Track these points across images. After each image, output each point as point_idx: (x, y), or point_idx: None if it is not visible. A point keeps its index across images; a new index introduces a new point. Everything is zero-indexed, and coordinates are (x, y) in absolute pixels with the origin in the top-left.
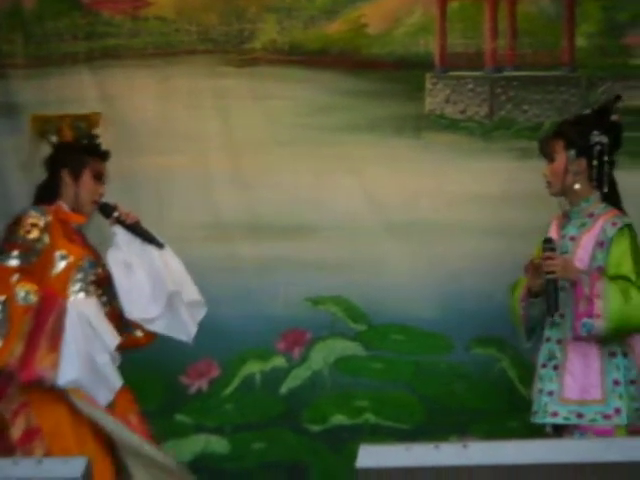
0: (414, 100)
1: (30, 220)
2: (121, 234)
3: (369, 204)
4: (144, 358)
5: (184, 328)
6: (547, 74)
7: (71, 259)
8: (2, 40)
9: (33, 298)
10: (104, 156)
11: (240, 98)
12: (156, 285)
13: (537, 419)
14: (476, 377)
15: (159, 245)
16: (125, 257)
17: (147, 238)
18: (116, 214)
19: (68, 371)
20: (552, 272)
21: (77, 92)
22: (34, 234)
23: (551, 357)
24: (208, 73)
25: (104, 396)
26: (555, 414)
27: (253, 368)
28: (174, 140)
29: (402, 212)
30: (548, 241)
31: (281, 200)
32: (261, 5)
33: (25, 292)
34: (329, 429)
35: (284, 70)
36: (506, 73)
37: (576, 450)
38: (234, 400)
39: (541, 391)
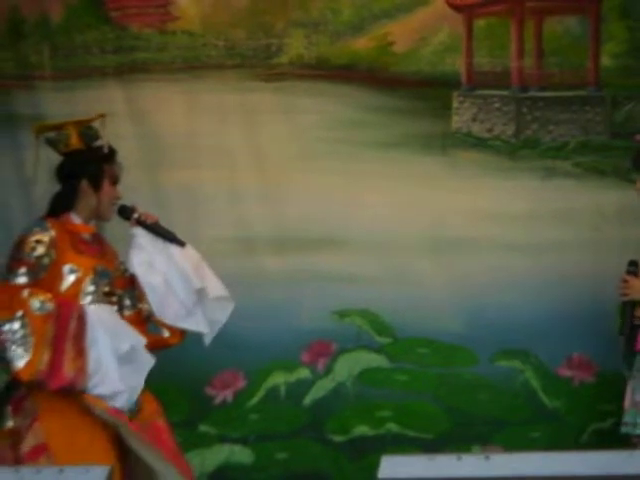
0: (441, 118)
1: (34, 237)
2: (142, 235)
3: (395, 219)
4: (170, 369)
5: (209, 324)
6: (572, 94)
7: (80, 272)
8: (30, 52)
9: (50, 306)
10: (114, 157)
11: (267, 112)
12: (183, 283)
13: (629, 430)
14: (499, 388)
15: (181, 244)
16: (149, 258)
17: (168, 237)
18: (136, 215)
19: (102, 382)
20: (625, 295)
21: (105, 105)
22: (40, 250)
23: None
24: (236, 88)
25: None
26: None
27: (278, 379)
28: (202, 154)
29: (428, 228)
30: (632, 264)
31: (308, 214)
32: (288, 20)
33: (40, 302)
34: (352, 439)
35: (311, 85)
36: (532, 93)
37: (599, 462)
38: (259, 411)
39: (635, 404)
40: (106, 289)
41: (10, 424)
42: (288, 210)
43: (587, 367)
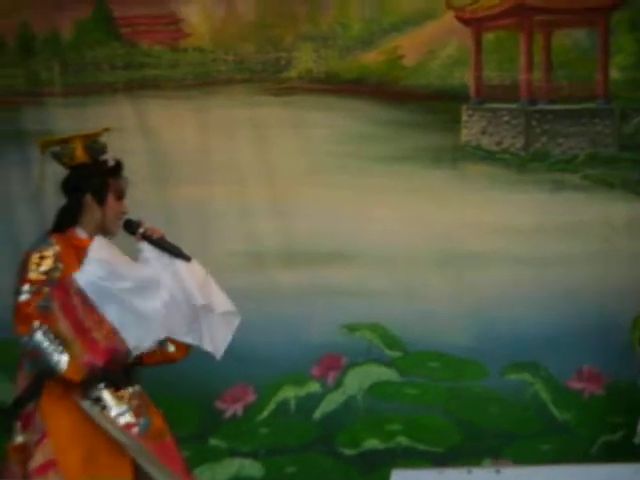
0: (450, 131)
1: (38, 254)
2: (148, 250)
3: (404, 233)
4: (180, 383)
5: (213, 341)
6: (581, 107)
7: None
8: (40, 68)
9: (48, 302)
10: (120, 171)
11: (277, 127)
12: (187, 299)
13: None
14: (510, 401)
15: (186, 259)
16: (155, 272)
17: (174, 252)
18: (142, 230)
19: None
20: None
21: (115, 122)
22: (46, 264)
23: None
24: (245, 102)
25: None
26: None
27: (288, 393)
28: (211, 170)
29: (438, 241)
30: None
31: (318, 228)
32: (297, 34)
33: (43, 301)
34: (363, 453)
35: (321, 99)
36: (541, 106)
37: (609, 475)
38: (269, 424)
39: None
40: None
41: (20, 440)
42: (298, 224)
43: (597, 379)
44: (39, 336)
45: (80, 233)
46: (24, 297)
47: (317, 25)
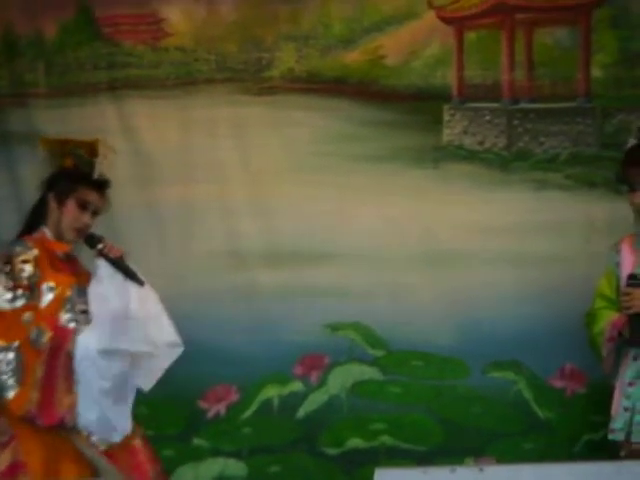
0: (432, 131)
1: (21, 257)
2: (103, 267)
3: (387, 232)
4: (163, 382)
5: (145, 377)
6: (563, 106)
7: (58, 290)
8: (24, 69)
9: (44, 339)
10: (98, 185)
11: (259, 126)
12: (127, 322)
13: (632, 438)
14: (493, 400)
15: (140, 282)
16: (104, 291)
17: (128, 274)
18: (100, 246)
19: (85, 413)
20: (629, 307)
21: (98, 122)
22: (28, 270)
23: (639, 375)
24: (227, 102)
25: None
26: None
27: (271, 393)
28: (194, 169)
29: (420, 241)
30: (632, 277)
31: (300, 228)
32: (278, 34)
33: (37, 333)
34: (346, 452)
35: (302, 98)
36: (523, 105)
37: (592, 473)
38: (252, 424)
39: (628, 409)
40: (83, 307)
41: None
42: (279, 224)
43: (579, 378)
44: (10, 355)
45: (48, 234)
46: (19, 303)
47: (299, 25)
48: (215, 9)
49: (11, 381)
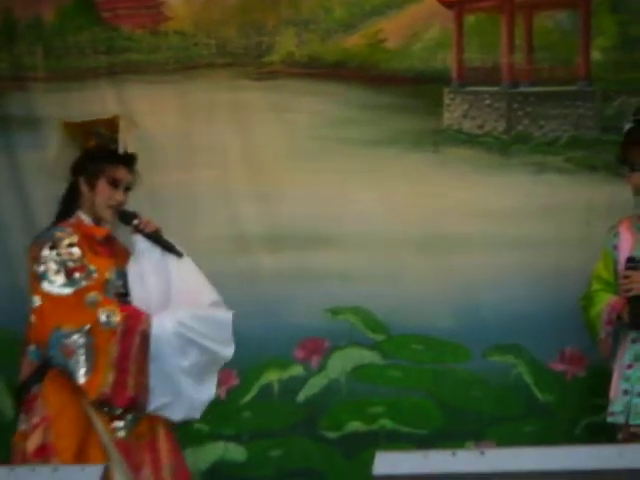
0: (432, 115)
1: (66, 242)
2: (140, 242)
3: (388, 216)
4: None
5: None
6: (563, 89)
7: (98, 274)
8: (23, 53)
9: (115, 320)
10: (124, 161)
11: (259, 111)
12: (168, 296)
13: (629, 420)
14: (493, 383)
15: (178, 254)
16: (141, 268)
17: (166, 247)
18: (135, 222)
19: (161, 393)
20: (629, 290)
21: (98, 106)
22: (77, 253)
23: (638, 358)
24: (227, 87)
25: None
26: None
27: (271, 376)
28: (195, 154)
29: (420, 225)
30: (630, 260)
31: (301, 212)
32: (279, 18)
33: (107, 315)
34: (346, 436)
35: (303, 83)
36: (523, 88)
37: (593, 456)
38: (252, 408)
39: (627, 392)
40: (121, 290)
41: (23, 427)
42: (280, 208)
43: (579, 361)
44: (82, 340)
45: (84, 219)
46: (83, 283)
47: (299, 9)
48: None
49: (84, 365)
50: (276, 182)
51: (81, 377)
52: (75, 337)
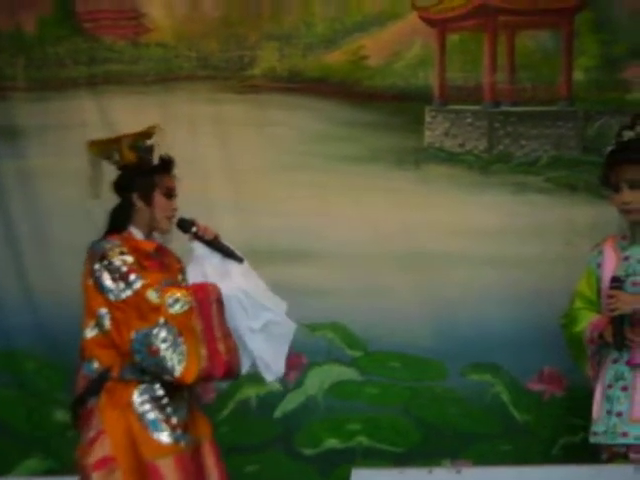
0: (414, 133)
1: (117, 250)
2: (200, 249)
3: (367, 233)
4: None
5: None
6: (544, 109)
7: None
8: (3, 63)
9: (186, 300)
10: (169, 168)
11: (240, 124)
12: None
13: (607, 440)
14: (470, 402)
15: (239, 259)
16: (203, 274)
17: (227, 253)
18: (194, 229)
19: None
20: (613, 310)
21: (78, 117)
22: (130, 259)
23: (618, 378)
24: (208, 99)
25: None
26: (625, 434)
27: (249, 392)
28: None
29: (400, 242)
30: (615, 279)
31: (280, 226)
32: (261, 32)
33: (174, 300)
34: (322, 453)
35: (284, 97)
36: (504, 108)
37: (569, 476)
38: (229, 423)
39: (610, 412)
40: None
41: (83, 441)
42: (259, 222)
43: (557, 381)
44: (163, 333)
45: (136, 234)
46: (138, 284)
47: (281, 24)
48: (197, 5)
49: (175, 356)
50: (255, 196)
51: (176, 370)
52: (154, 333)
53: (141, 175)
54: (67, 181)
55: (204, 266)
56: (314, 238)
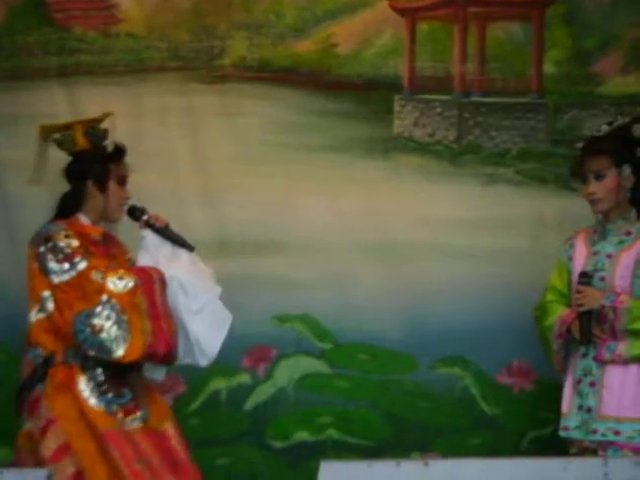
0: (383, 122)
1: (62, 234)
2: (150, 237)
3: (337, 223)
4: None
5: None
6: (514, 100)
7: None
8: None
9: (130, 278)
10: (122, 156)
11: (210, 115)
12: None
13: (579, 435)
14: (439, 395)
15: (190, 248)
16: (154, 261)
17: (177, 241)
18: (145, 217)
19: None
20: (581, 305)
21: (48, 107)
22: (75, 242)
23: (587, 373)
24: (178, 90)
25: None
26: (594, 431)
27: (219, 384)
28: (144, 157)
29: (369, 232)
30: (583, 275)
31: (249, 217)
32: (231, 22)
33: (118, 278)
34: (292, 445)
35: (254, 87)
36: (474, 98)
37: (538, 469)
38: (199, 416)
39: (581, 407)
40: None
41: (27, 426)
42: (229, 213)
43: (527, 375)
44: (105, 312)
45: (83, 219)
46: (81, 265)
47: (251, 13)
48: None
49: (119, 334)
50: (225, 187)
51: (120, 349)
52: (97, 312)
53: (96, 162)
54: None
55: (154, 254)
56: (282, 229)
